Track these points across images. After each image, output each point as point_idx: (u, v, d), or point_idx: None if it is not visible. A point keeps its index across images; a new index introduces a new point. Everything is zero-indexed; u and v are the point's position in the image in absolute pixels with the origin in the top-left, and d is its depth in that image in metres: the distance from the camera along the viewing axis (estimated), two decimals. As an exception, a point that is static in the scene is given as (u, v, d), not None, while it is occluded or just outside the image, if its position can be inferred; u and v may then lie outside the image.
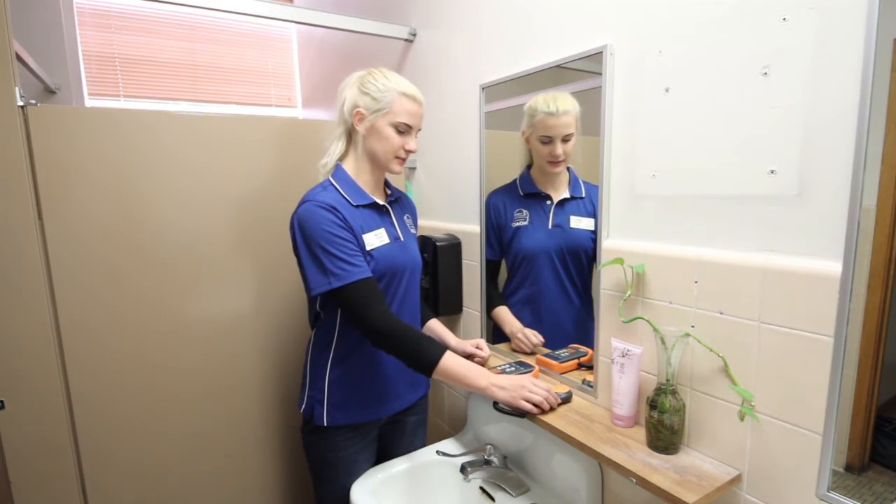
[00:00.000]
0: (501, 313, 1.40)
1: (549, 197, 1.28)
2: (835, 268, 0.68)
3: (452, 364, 1.06)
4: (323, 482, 1.24)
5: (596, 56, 1.00)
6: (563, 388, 1.13)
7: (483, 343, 1.33)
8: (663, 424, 0.87)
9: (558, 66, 1.10)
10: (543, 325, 1.32)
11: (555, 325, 1.31)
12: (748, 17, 0.76)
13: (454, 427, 1.64)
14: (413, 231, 1.29)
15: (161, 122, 1.31)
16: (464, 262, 1.52)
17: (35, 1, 2.22)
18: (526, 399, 1.03)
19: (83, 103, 2.50)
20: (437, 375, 1.06)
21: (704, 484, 0.79)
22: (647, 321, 0.92)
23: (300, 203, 1.11)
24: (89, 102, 2.57)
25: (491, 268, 1.43)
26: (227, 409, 1.49)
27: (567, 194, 1.26)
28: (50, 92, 2.21)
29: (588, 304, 1.19)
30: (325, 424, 1.17)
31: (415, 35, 1.65)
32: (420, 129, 1.19)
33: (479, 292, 1.46)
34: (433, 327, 1.38)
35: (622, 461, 0.86)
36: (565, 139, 1.19)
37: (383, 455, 1.31)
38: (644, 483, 0.82)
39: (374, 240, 1.14)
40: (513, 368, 1.19)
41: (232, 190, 1.41)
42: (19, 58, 1.40)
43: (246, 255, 1.46)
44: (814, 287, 0.70)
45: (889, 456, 0.71)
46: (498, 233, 1.38)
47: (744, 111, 0.78)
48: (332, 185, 1.14)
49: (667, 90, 0.89)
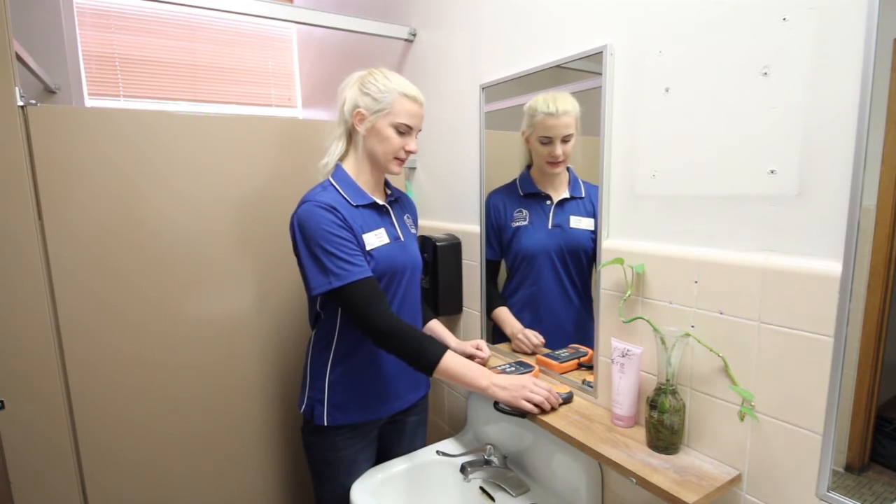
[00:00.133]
0: (501, 314, 1.40)
1: (548, 197, 1.28)
2: (835, 268, 0.68)
3: (453, 364, 1.06)
4: (323, 482, 1.24)
5: (596, 56, 1.00)
6: (564, 388, 1.13)
7: (483, 344, 1.33)
8: (663, 424, 0.87)
9: (558, 66, 1.10)
10: (543, 325, 1.32)
11: (555, 325, 1.31)
12: (748, 17, 0.76)
13: (454, 427, 1.64)
14: (413, 231, 1.29)
15: (161, 122, 1.31)
16: (464, 262, 1.52)
17: (35, 1, 2.22)
18: (527, 399, 1.03)
19: (83, 103, 2.50)
20: (437, 375, 1.06)
21: (704, 484, 0.79)
22: (647, 321, 0.92)
23: (300, 203, 1.11)
24: (89, 102, 2.57)
25: (491, 268, 1.43)
26: (227, 409, 1.49)
27: (567, 194, 1.26)
28: (50, 92, 2.21)
29: (588, 304, 1.19)
30: (326, 424, 1.17)
31: (415, 35, 1.65)
32: (420, 130, 1.19)
33: (479, 292, 1.46)
34: (434, 328, 1.38)
35: (622, 461, 0.86)
36: (565, 139, 1.19)
37: (383, 455, 1.31)
38: (644, 483, 0.82)
39: (373, 240, 1.14)
40: (513, 368, 1.19)
41: (232, 190, 1.41)
42: (19, 58, 1.39)
43: (246, 255, 1.46)
44: (814, 287, 0.70)
45: (889, 456, 0.71)
46: (498, 233, 1.38)
47: (744, 111, 0.78)
48: (332, 185, 1.14)
49: (667, 90, 0.89)
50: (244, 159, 1.42)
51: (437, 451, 1.31)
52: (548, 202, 1.28)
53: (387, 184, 1.27)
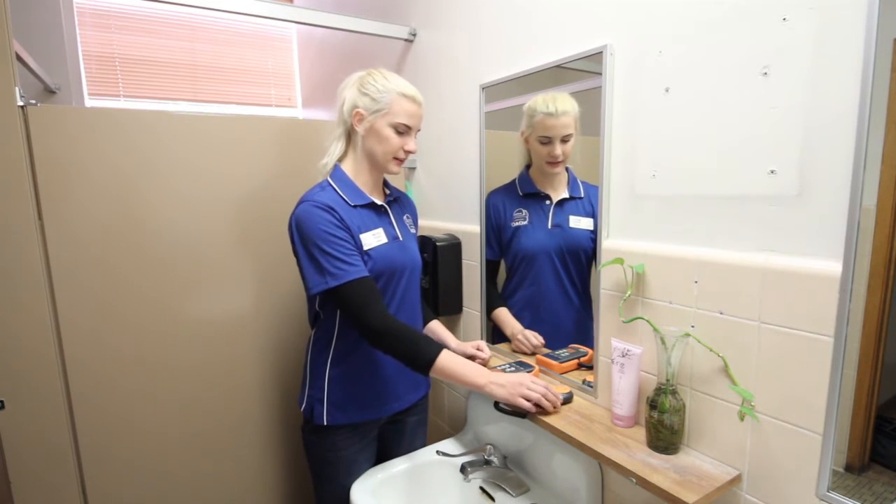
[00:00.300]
0: (501, 314, 1.40)
1: (548, 197, 1.28)
2: (835, 268, 0.68)
3: (450, 363, 1.06)
4: (323, 482, 1.24)
5: (596, 56, 1.00)
6: (564, 388, 1.13)
7: (483, 344, 1.33)
8: (663, 424, 0.87)
9: (558, 66, 1.10)
10: (543, 325, 1.32)
11: (555, 325, 1.31)
12: (748, 17, 0.76)
13: (454, 427, 1.64)
14: (413, 231, 1.29)
15: (161, 122, 1.31)
16: (464, 262, 1.52)
17: (35, 1, 2.22)
18: (524, 396, 1.03)
19: (83, 103, 2.50)
20: (434, 374, 1.06)
21: (704, 484, 0.79)
22: (647, 321, 0.92)
23: (298, 203, 1.12)
24: (89, 102, 2.56)
25: (490, 268, 1.43)
26: (227, 409, 1.49)
27: (566, 194, 1.26)
28: (50, 92, 2.21)
29: (588, 304, 1.19)
30: (325, 424, 1.17)
31: (415, 35, 1.65)
32: (419, 130, 1.19)
33: (479, 292, 1.46)
34: (434, 329, 1.38)
35: (622, 461, 0.86)
36: (564, 140, 1.19)
37: (383, 455, 1.31)
38: (644, 483, 0.82)
39: (371, 240, 1.14)
40: (513, 369, 1.19)
41: (232, 190, 1.41)
42: (19, 58, 1.39)
43: (246, 254, 1.46)
44: (814, 287, 0.70)
45: (889, 456, 0.71)
46: (497, 233, 1.38)
47: (744, 111, 0.78)
48: (331, 185, 1.15)
49: (667, 90, 0.89)
50: (244, 159, 1.42)
51: (437, 451, 1.31)
52: (547, 202, 1.28)
53: (386, 184, 1.27)
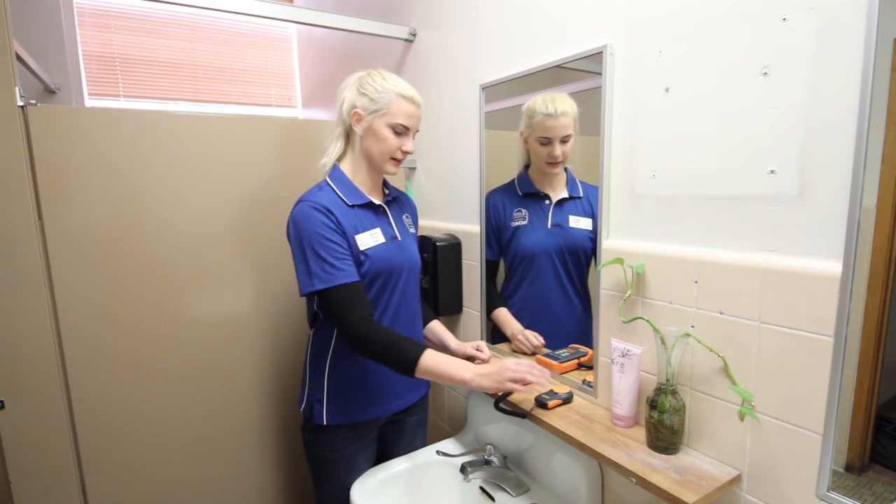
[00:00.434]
0: (501, 315, 1.40)
1: (547, 197, 1.28)
2: (835, 268, 0.68)
3: (434, 361, 1.05)
4: (323, 481, 1.24)
5: (596, 56, 1.00)
6: (564, 388, 1.13)
7: (483, 345, 1.33)
8: (663, 424, 0.87)
9: (558, 66, 1.10)
10: (543, 325, 1.32)
11: (555, 325, 1.31)
12: (748, 17, 0.76)
13: (454, 427, 1.64)
14: (412, 231, 1.29)
15: (161, 122, 1.31)
16: (464, 262, 1.52)
17: (35, 1, 2.21)
18: (510, 379, 1.01)
19: (83, 103, 2.50)
20: (420, 374, 1.05)
21: (704, 484, 0.79)
22: (647, 321, 0.92)
23: (296, 203, 1.12)
24: (89, 102, 2.56)
25: (490, 268, 1.43)
26: (227, 409, 1.48)
27: (566, 194, 1.26)
28: (50, 92, 2.21)
29: (588, 304, 1.19)
30: (325, 423, 1.17)
31: (415, 35, 1.65)
32: (418, 131, 1.19)
33: (479, 292, 1.46)
34: (435, 329, 1.38)
35: (622, 461, 0.86)
36: (564, 140, 1.19)
37: (383, 455, 1.31)
38: (644, 483, 0.82)
39: (368, 239, 1.14)
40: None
41: (232, 190, 1.41)
42: (19, 58, 1.39)
43: (246, 255, 1.46)
44: (814, 287, 0.70)
45: (889, 456, 0.71)
46: (497, 233, 1.38)
47: (744, 111, 0.78)
48: (329, 185, 1.15)
49: (667, 90, 0.89)
50: (244, 159, 1.42)
51: (437, 451, 1.31)
52: (546, 202, 1.28)
53: (385, 183, 1.27)
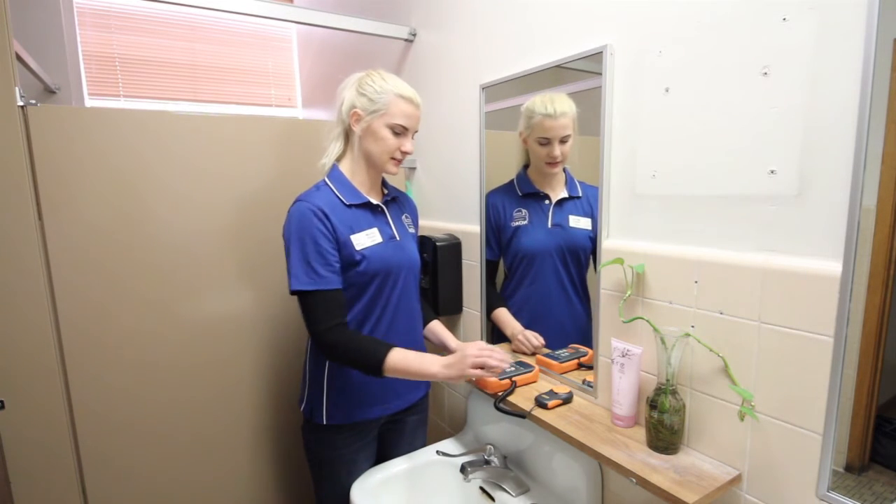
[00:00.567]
0: (501, 315, 1.40)
1: (547, 197, 1.28)
2: (835, 268, 0.68)
3: (400, 360, 1.05)
4: (323, 481, 1.24)
5: (596, 56, 0.99)
6: (564, 388, 1.13)
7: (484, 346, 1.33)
8: (663, 424, 0.87)
9: (558, 66, 1.10)
10: (543, 325, 1.32)
11: (555, 325, 1.31)
12: (748, 17, 0.76)
13: (454, 427, 1.64)
14: (412, 231, 1.29)
15: (161, 122, 1.31)
16: (464, 262, 1.52)
17: (35, 1, 2.21)
18: (472, 366, 1.02)
19: (83, 103, 2.50)
20: (388, 373, 1.05)
21: (704, 484, 0.79)
22: (647, 321, 0.92)
23: (293, 202, 1.13)
24: (89, 102, 2.56)
25: (489, 268, 1.43)
26: (227, 409, 1.48)
27: (565, 194, 1.26)
28: (50, 92, 2.21)
29: (588, 304, 1.19)
30: (325, 423, 1.18)
31: (415, 35, 1.65)
32: (417, 131, 1.19)
33: (479, 292, 1.45)
34: (435, 329, 1.38)
35: (622, 461, 0.86)
36: (563, 140, 1.19)
37: (383, 454, 1.31)
38: (644, 483, 0.82)
39: (364, 239, 1.14)
40: (513, 368, 1.19)
41: (232, 190, 1.41)
42: (19, 58, 1.40)
43: (246, 254, 1.46)
44: (814, 287, 0.70)
45: (889, 456, 0.71)
46: (497, 233, 1.38)
47: (744, 111, 0.78)
48: (327, 184, 1.16)
49: (667, 90, 0.89)
50: (244, 159, 1.42)
51: (437, 451, 1.31)
52: (546, 202, 1.28)
53: (385, 183, 1.27)
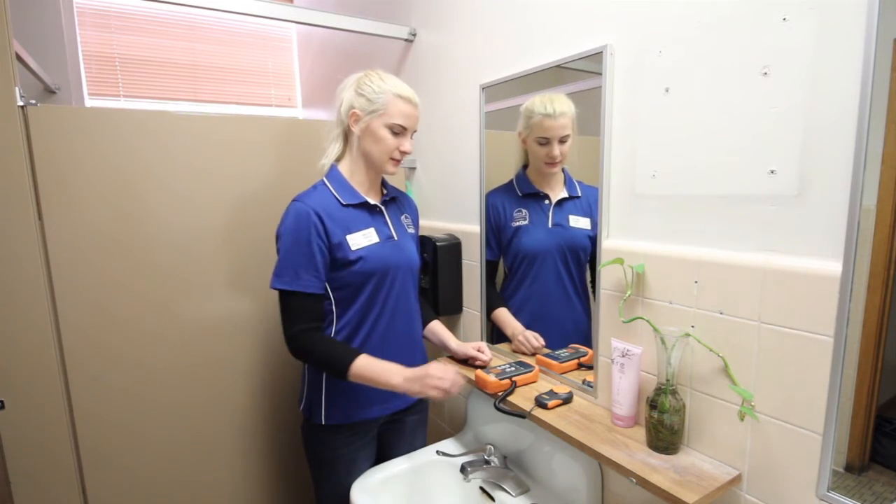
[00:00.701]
0: (502, 315, 1.40)
1: (547, 196, 1.28)
2: (835, 268, 0.68)
3: (365, 368, 1.07)
4: (323, 481, 1.24)
5: (596, 56, 0.99)
6: (564, 388, 1.13)
7: (484, 346, 1.33)
8: (663, 424, 0.87)
9: (558, 66, 1.10)
10: (543, 325, 1.32)
11: (555, 325, 1.31)
12: (748, 17, 0.76)
13: (454, 427, 1.64)
14: (411, 231, 1.29)
15: (161, 122, 1.31)
16: (464, 262, 1.52)
17: (35, 1, 2.21)
18: (432, 387, 1.04)
19: (83, 103, 2.50)
20: (353, 379, 1.08)
21: (704, 484, 0.79)
22: (647, 321, 0.92)
23: (290, 202, 1.14)
24: (89, 102, 2.56)
25: (489, 268, 1.43)
26: (228, 409, 1.48)
27: (565, 194, 1.26)
28: (50, 92, 2.21)
29: (588, 304, 1.19)
30: (324, 423, 1.18)
31: (415, 35, 1.65)
32: (416, 131, 1.20)
33: (479, 292, 1.45)
34: (435, 329, 1.38)
35: (622, 461, 0.86)
36: (562, 140, 1.19)
37: (383, 454, 1.31)
38: (644, 483, 0.82)
39: (361, 239, 1.14)
40: (513, 368, 1.20)
41: (232, 190, 1.41)
42: (19, 58, 1.39)
43: (246, 254, 1.46)
44: (814, 287, 0.70)
45: (889, 456, 0.71)
46: (497, 233, 1.38)
47: (744, 111, 0.78)
48: (325, 185, 1.16)
49: (667, 90, 0.89)
50: (244, 159, 1.42)
51: (437, 451, 1.31)
52: (546, 202, 1.28)
53: (384, 183, 1.27)
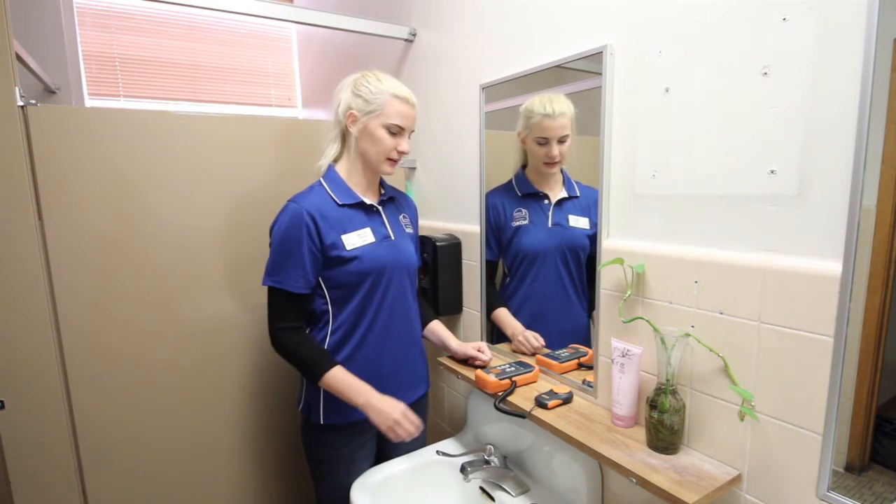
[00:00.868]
0: (502, 315, 1.40)
1: (546, 196, 1.28)
2: (835, 268, 0.68)
3: (336, 379, 1.12)
4: (322, 481, 1.24)
5: (596, 56, 0.99)
6: (564, 388, 1.13)
7: (484, 346, 1.33)
8: (663, 424, 0.87)
9: (558, 66, 1.10)
10: (543, 325, 1.32)
11: (555, 325, 1.31)
12: (748, 17, 0.76)
13: (454, 427, 1.64)
14: (410, 231, 1.29)
15: (161, 122, 1.31)
16: (464, 262, 1.52)
17: (35, 1, 2.21)
18: (392, 427, 1.09)
19: (83, 103, 2.50)
20: (324, 387, 1.14)
21: (704, 484, 0.79)
22: (647, 321, 0.92)
23: (286, 202, 1.14)
24: (89, 102, 2.56)
25: (489, 269, 1.43)
26: (228, 409, 1.49)
27: (564, 194, 1.26)
28: (50, 92, 2.21)
29: (587, 303, 1.19)
30: (322, 422, 1.18)
31: (415, 35, 1.65)
32: (413, 131, 1.20)
33: (479, 292, 1.45)
34: (435, 329, 1.38)
35: (622, 461, 0.86)
36: (561, 140, 1.19)
37: (383, 454, 1.31)
38: (644, 483, 0.82)
39: (356, 239, 1.15)
40: (513, 369, 1.20)
41: (232, 190, 1.41)
42: (19, 58, 1.39)
43: (246, 254, 1.46)
44: (814, 287, 0.70)
45: (889, 456, 0.71)
46: (497, 233, 1.38)
47: (744, 111, 0.78)
48: (321, 185, 1.17)
49: (667, 90, 0.89)
50: (244, 159, 1.42)
51: (437, 451, 1.31)
52: (546, 202, 1.28)
53: (382, 184, 1.28)
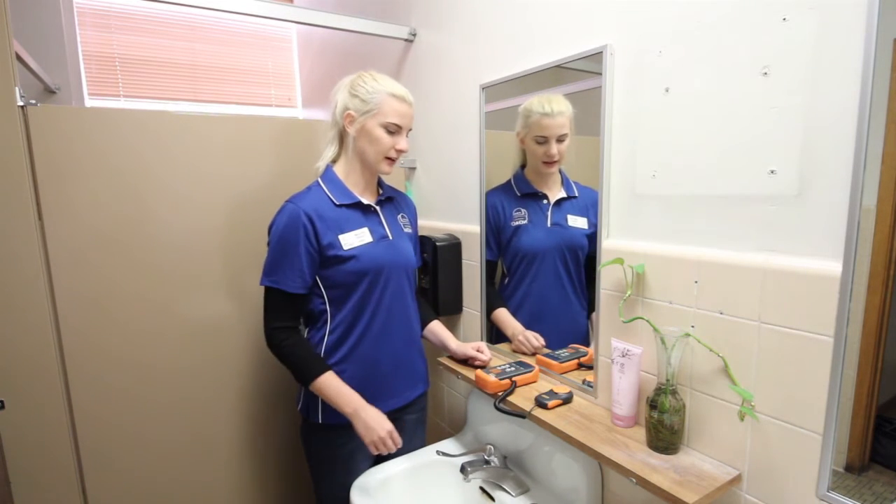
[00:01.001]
0: (501, 315, 1.40)
1: (545, 196, 1.28)
2: (835, 268, 0.68)
3: (326, 385, 1.13)
4: (322, 480, 1.24)
5: (596, 56, 0.99)
6: (564, 388, 1.13)
7: (484, 346, 1.33)
8: (663, 424, 0.87)
9: (558, 66, 1.11)
10: (543, 325, 1.32)
11: (554, 325, 1.31)
12: (748, 17, 0.76)
13: (454, 427, 1.64)
14: (408, 231, 1.29)
15: (161, 122, 1.31)
16: (464, 262, 1.52)
17: (35, 1, 2.21)
18: (376, 443, 1.12)
19: (83, 103, 2.50)
20: (314, 391, 1.15)
21: (704, 484, 0.79)
22: (647, 321, 0.92)
23: (284, 202, 1.15)
24: (89, 102, 2.56)
25: (489, 269, 1.43)
26: (227, 409, 1.49)
27: (563, 194, 1.26)
28: (50, 92, 2.21)
29: (587, 303, 1.19)
30: (320, 422, 1.18)
31: (415, 35, 1.65)
32: (411, 130, 1.20)
33: (479, 292, 1.45)
34: (435, 329, 1.38)
35: (622, 461, 0.86)
36: (560, 139, 1.19)
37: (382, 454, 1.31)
38: (644, 483, 0.82)
39: (353, 239, 1.15)
40: (513, 368, 1.19)
41: (232, 189, 1.41)
42: (19, 58, 1.39)
43: (246, 254, 1.46)
44: (814, 287, 0.70)
45: (889, 456, 0.71)
46: (496, 233, 1.38)
47: (744, 111, 0.78)
48: (319, 185, 1.17)
49: (667, 90, 0.89)
50: (244, 159, 1.42)
51: (437, 451, 1.31)
52: (545, 201, 1.28)
53: (380, 184, 1.28)
